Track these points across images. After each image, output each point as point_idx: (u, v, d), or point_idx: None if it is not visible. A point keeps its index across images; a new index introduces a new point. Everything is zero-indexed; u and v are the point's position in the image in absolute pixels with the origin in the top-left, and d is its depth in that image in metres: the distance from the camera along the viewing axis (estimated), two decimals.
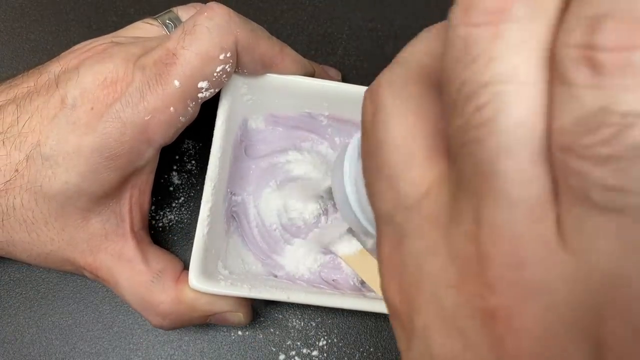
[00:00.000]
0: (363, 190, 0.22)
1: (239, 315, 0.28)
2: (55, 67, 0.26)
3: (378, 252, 0.16)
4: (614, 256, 0.10)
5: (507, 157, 0.11)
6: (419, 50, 0.15)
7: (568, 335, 0.11)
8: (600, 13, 0.10)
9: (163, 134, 0.26)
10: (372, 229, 0.23)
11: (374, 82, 0.16)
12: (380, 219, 0.15)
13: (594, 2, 0.10)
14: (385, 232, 0.15)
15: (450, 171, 0.13)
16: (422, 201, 0.14)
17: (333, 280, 0.30)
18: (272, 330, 0.32)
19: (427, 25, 0.16)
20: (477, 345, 0.12)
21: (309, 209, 0.30)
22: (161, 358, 0.31)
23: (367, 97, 0.16)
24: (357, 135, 0.24)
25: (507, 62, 0.11)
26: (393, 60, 0.16)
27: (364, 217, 0.23)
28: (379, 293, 0.28)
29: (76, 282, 0.32)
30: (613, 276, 0.10)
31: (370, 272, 0.29)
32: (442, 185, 0.13)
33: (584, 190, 0.10)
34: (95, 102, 0.25)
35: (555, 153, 0.10)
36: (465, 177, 0.12)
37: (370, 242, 0.30)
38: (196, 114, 0.27)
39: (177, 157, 0.33)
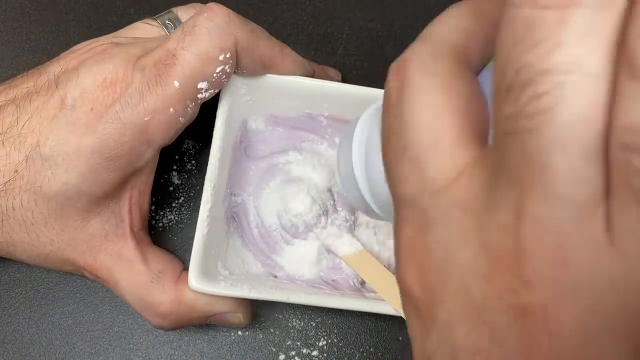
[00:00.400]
0: (373, 167, 0.20)
1: (239, 316, 0.28)
2: (55, 68, 0.26)
3: (396, 235, 0.15)
4: None
5: (561, 151, 0.10)
6: (449, 25, 0.15)
7: (608, 339, 0.11)
8: None
9: (163, 135, 0.26)
10: (375, 207, 0.22)
11: (400, 57, 0.15)
12: (401, 201, 0.15)
13: None
14: (406, 216, 0.14)
15: (486, 157, 0.13)
16: (452, 187, 0.13)
17: (333, 280, 0.30)
18: (272, 330, 0.32)
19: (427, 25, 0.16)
20: (505, 341, 0.12)
21: (308, 210, 0.30)
22: (161, 358, 0.31)
23: (393, 71, 0.15)
24: (369, 110, 0.23)
25: (573, 50, 0.10)
26: (420, 35, 0.15)
27: (370, 196, 0.22)
28: (380, 293, 0.28)
29: (76, 282, 0.32)
30: None
31: (370, 272, 0.29)
32: (474, 171, 0.13)
33: None
34: (94, 103, 0.25)
35: (616, 151, 0.10)
36: (507, 166, 0.11)
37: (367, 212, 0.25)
38: (196, 115, 0.27)
39: (177, 157, 0.33)
